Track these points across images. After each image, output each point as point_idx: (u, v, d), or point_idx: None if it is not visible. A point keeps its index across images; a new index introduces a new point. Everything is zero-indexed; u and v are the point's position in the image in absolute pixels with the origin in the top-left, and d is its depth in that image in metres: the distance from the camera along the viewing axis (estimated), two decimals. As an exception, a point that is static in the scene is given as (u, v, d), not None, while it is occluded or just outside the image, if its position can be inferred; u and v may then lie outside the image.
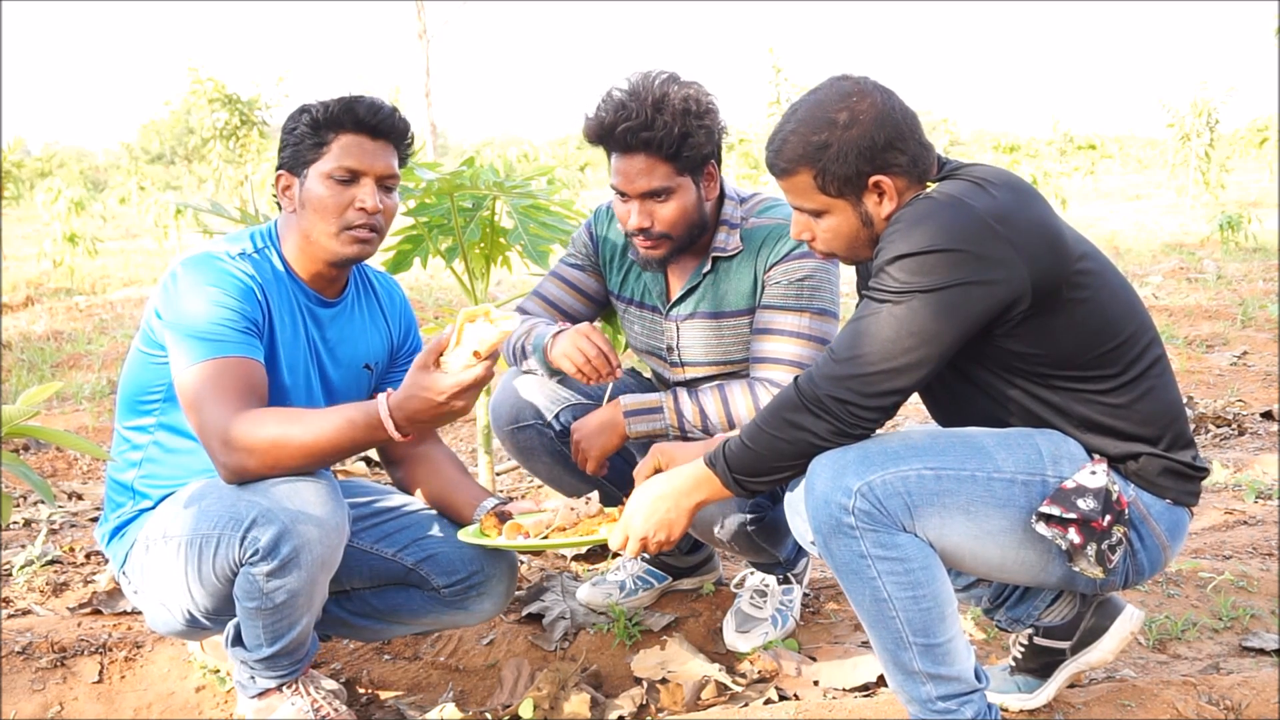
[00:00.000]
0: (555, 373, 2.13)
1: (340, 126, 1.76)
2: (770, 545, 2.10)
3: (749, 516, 2.04)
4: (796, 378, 1.55)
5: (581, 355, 1.98)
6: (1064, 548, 1.49)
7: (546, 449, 2.19)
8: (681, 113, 1.92)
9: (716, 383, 2.09)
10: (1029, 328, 1.52)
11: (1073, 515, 1.47)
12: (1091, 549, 1.48)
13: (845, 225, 1.60)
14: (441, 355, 1.60)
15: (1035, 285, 1.48)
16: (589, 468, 2.08)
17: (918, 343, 1.47)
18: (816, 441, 1.52)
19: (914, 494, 1.48)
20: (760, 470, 1.57)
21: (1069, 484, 1.50)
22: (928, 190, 1.56)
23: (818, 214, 1.61)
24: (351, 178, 1.76)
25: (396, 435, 1.63)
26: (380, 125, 1.78)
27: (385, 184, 1.80)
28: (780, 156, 1.58)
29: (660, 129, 1.91)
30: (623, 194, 2.00)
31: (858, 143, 1.53)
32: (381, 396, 1.64)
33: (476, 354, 1.58)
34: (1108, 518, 1.48)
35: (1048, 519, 1.49)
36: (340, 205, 1.76)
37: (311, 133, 1.77)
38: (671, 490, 1.64)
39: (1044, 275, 1.49)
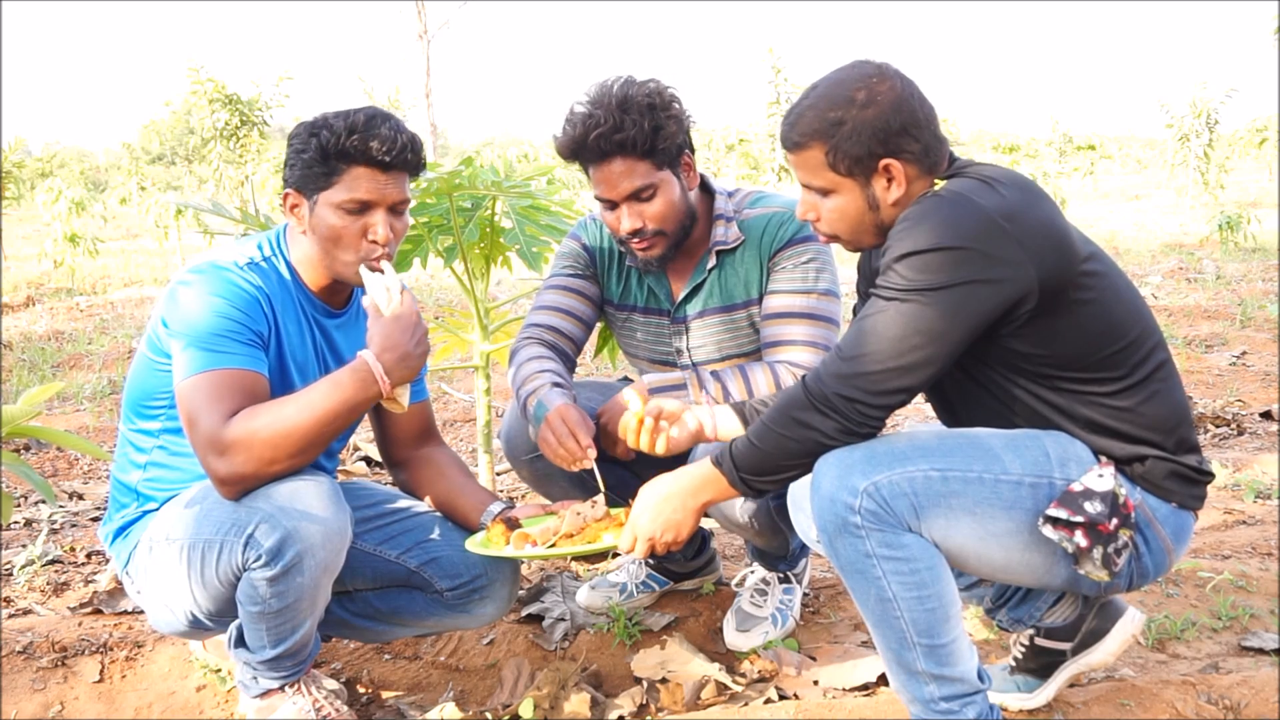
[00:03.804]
0: None
1: (352, 160, 1.71)
2: (789, 527, 2.10)
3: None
4: (804, 376, 1.55)
5: (553, 439, 1.92)
6: (1070, 550, 1.48)
7: (564, 474, 2.14)
8: (647, 108, 1.94)
9: (737, 365, 2.09)
10: (1034, 328, 1.51)
11: (1080, 518, 1.46)
12: (1098, 552, 1.47)
13: (851, 206, 1.59)
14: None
15: (1042, 285, 1.48)
16: (619, 450, 2.02)
17: (924, 341, 1.47)
18: (824, 440, 1.52)
19: (920, 494, 1.48)
20: (767, 469, 1.57)
21: (1076, 487, 1.49)
22: (936, 188, 1.56)
23: (825, 192, 1.60)
24: (363, 208, 1.74)
25: (385, 379, 1.66)
26: (394, 162, 1.73)
27: (396, 209, 1.78)
28: (795, 130, 1.58)
29: (631, 128, 1.92)
30: (609, 202, 2.01)
31: (873, 123, 1.53)
32: (361, 350, 1.68)
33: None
34: (1114, 521, 1.47)
35: (1055, 522, 1.48)
36: (354, 235, 1.74)
37: (321, 160, 1.72)
38: (678, 490, 1.64)
39: (1050, 275, 1.49)
